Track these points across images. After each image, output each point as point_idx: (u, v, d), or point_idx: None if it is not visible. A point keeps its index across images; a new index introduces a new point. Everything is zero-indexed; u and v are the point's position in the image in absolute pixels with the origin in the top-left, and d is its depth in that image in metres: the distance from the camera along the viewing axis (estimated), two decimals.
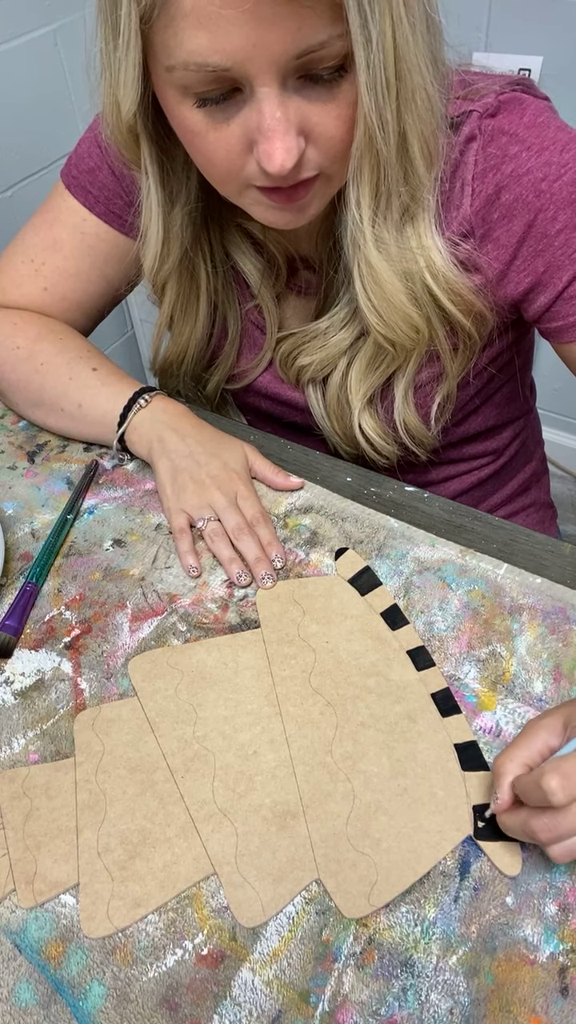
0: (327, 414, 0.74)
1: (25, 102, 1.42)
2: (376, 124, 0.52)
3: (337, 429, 0.74)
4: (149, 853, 0.49)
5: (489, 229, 0.62)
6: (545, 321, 0.65)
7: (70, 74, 1.47)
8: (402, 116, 0.53)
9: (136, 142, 0.59)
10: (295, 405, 0.79)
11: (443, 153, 0.59)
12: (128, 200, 0.72)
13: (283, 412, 0.81)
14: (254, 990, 0.44)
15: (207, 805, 0.51)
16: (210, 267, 0.71)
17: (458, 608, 0.61)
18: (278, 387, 0.78)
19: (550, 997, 0.44)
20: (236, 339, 0.77)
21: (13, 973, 0.45)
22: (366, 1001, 0.44)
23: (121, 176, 0.72)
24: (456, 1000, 0.44)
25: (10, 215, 1.50)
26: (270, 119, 0.50)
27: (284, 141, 0.50)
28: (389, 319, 0.62)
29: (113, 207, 0.74)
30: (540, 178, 0.59)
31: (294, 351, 0.72)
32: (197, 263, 0.70)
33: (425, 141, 0.56)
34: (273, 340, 0.75)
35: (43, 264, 0.77)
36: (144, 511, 0.71)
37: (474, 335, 0.66)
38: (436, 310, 0.63)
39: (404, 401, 0.70)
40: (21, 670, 0.59)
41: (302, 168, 0.54)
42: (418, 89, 0.52)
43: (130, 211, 0.72)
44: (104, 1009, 0.44)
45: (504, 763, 0.47)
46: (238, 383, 0.80)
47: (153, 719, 0.55)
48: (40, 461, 0.75)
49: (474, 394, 0.75)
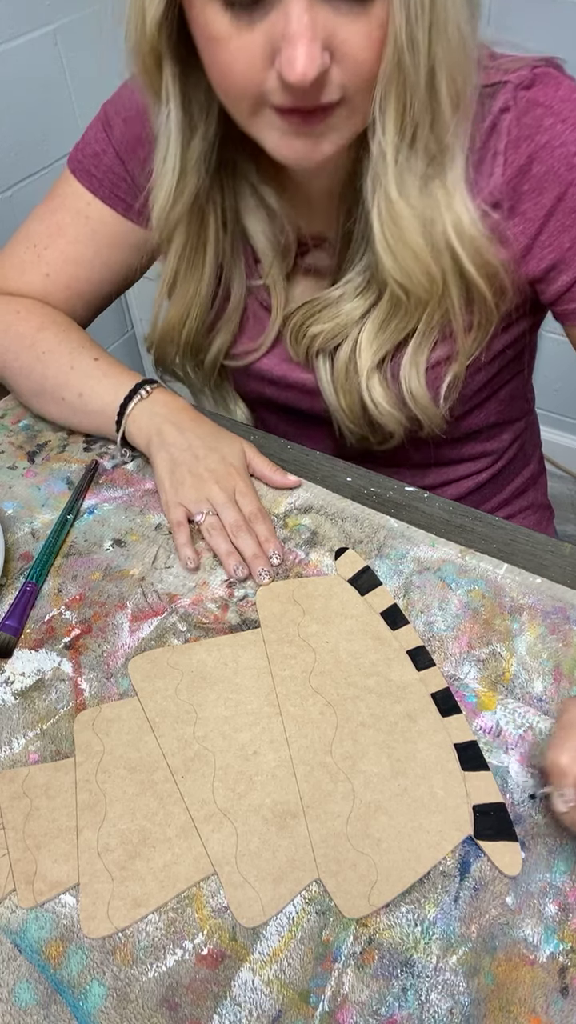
0: (335, 387, 0.72)
1: (25, 102, 1.42)
2: (406, 47, 0.50)
3: (343, 403, 0.72)
4: (149, 853, 0.49)
5: (518, 201, 0.61)
6: (563, 302, 0.64)
7: (70, 74, 1.47)
8: (433, 46, 0.51)
9: (158, 63, 0.58)
10: (301, 387, 0.77)
11: (472, 106, 0.57)
12: (133, 184, 0.72)
13: (288, 397, 0.80)
14: (254, 990, 0.44)
15: (207, 805, 0.51)
16: (220, 223, 0.69)
17: (458, 608, 0.61)
18: (284, 368, 0.77)
19: (550, 997, 0.44)
20: (240, 304, 0.75)
21: (13, 973, 0.45)
22: (366, 1001, 0.44)
23: (126, 159, 0.72)
24: (456, 1000, 0.44)
25: (10, 215, 1.50)
26: (296, 24, 0.48)
27: (309, 49, 0.48)
28: (404, 262, 0.61)
29: (117, 191, 0.74)
30: (574, 152, 0.58)
31: (306, 322, 0.70)
32: (208, 213, 0.68)
33: (454, 80, 0.54)
34: (279, 319, 0.74)
35: (45, 249, 0.77)
36: (144, 511, 0.71)
37: (492, 310, 0.65)
38: (455, 271, 0.62)
39: (412, 367, 0.68)
40: (21, 670, 0.59)
41: (323, 88, 0.52)
42: (451, 22, 0.51)
43: (135, 196, 0.71)
44: (104, 1009, 0.44)
45: (559, 757, 0.46)
46: (239, 361, 0.78)
47: (153, 719, 0.55)
48: (40, 461, 0.75)
49: (483, 385, 0.74)
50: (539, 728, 0.54)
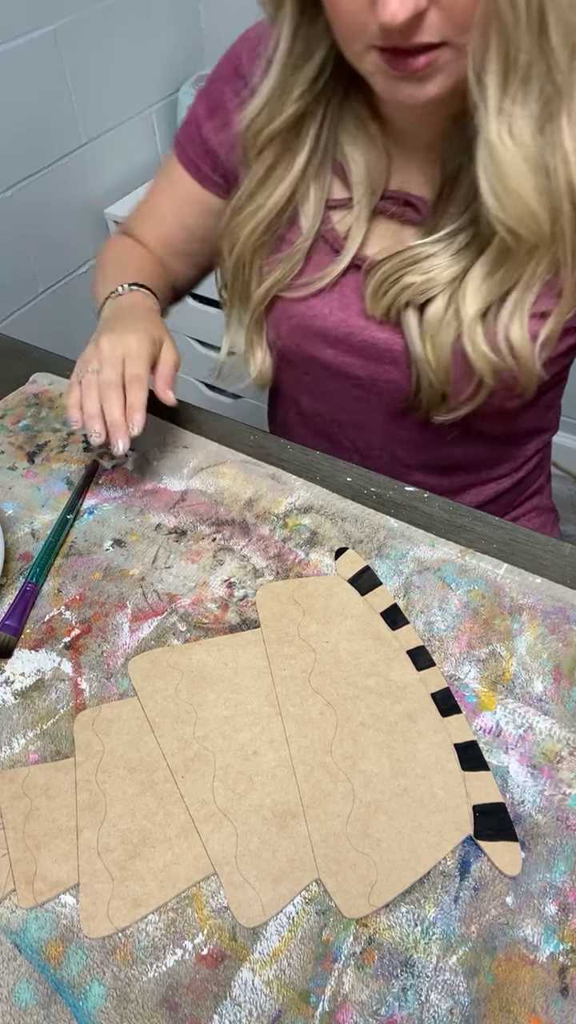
0: (423, 340, 0.69)
1: (25, 102, 1.42)
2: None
3: (431, 356, 0.69)
4: (149, 853, 0.49)
5: None
6: None
7: (70, 74, 1.47)
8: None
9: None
10: (367, 348, 0.74)
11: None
12: (206, 149, 0.77)
13: (344, 362, 0.76)
14: (254, 990, 0.44)
15: (207, 805, 0.51)
16: (314, 145, 0.69)
17: (458, 608, 0.61)
18: (351, 326, 0.74)
19: (550, 997, 0.44)
20: (310, 237, 0.72)
21: (13, 973, 0.45)
22: (366, 1001, 0.44)
23: (204, 124, 0.77)
24: (456, 1000, 0.44)
25: (10, 215, 1.50)
26: None
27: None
28: (513, 208, 0.59)
29: (193, 155, 0.78)
30: None
31: (395, 274, 0.68)
32: (304, 135, 0.68)
33: (566, 20, 0.52)
34: (345, 261, 0.71)
35: (145, 203, 0.86)
36: (144, 511, 0.71)
37: None
38: (573, 215, 0.60)
39: (515, 317, 0.65)
40: (21, 670, 0.59)
41: (422, 29, 0.53)
42: None
43: (207, 161, 0.78)
44: (104, 1009, 0.44)
45: None
46: (293, 292, 0.75)
47: (153, 719, 0.55)
48: (40, 461, 0.76)
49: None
50: (539, 728, 0.54)
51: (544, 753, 0.53)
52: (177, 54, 1.71)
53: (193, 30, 1.73)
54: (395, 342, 0.72)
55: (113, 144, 1.64)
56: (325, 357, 0.77)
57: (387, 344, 0.73)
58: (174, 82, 1.72)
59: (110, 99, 1.58)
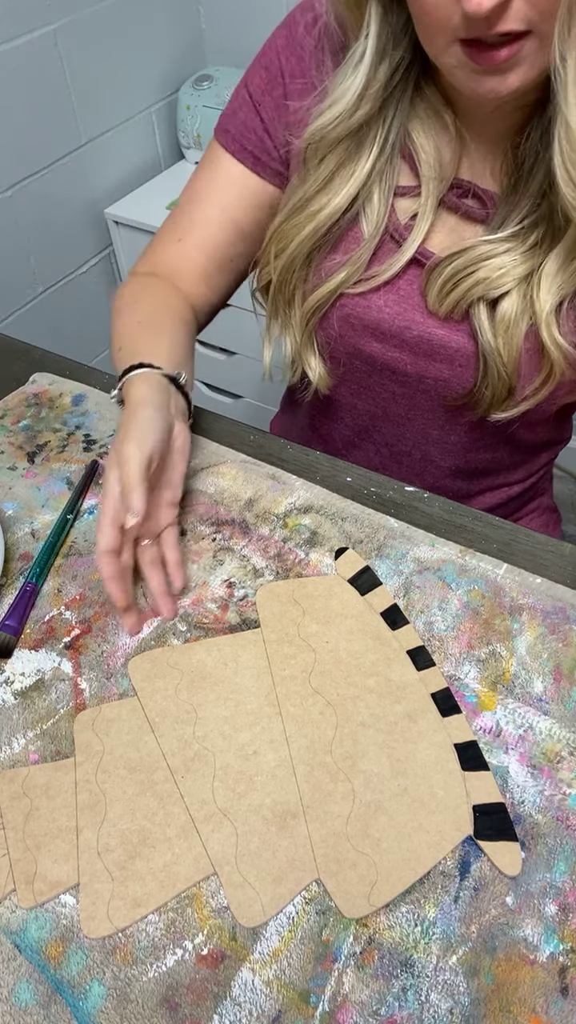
0: (495, 333, 0.68)
1: (25, 102, 1.42)
2: None
3: (502, 349, 0.68)
4: (149, 853, 0.49)
5: None
6: None
7: (70, 74, 1.47)
8: None
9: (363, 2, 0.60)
10: (421, 343, 0.72)
11: None
12: (266, 137, 0.73)
13: (393, 358, 0.75)
14: (254, 990, 0.44)
15: (207, 805, 0.51)
16: (381, 143, 0.67)
17: (458, 608, 0.61)
18: (407, 320, 0.72)
19: (550, 997, 0.44)
20: (376, 235, 0.70)
21: (13, 973, 0.45)
22: (366, 1001, 0.44)
23: (262, 111, 0.72)
24: (456, 1000, 0.44)
25: (10, 215, 1.50)
26: None
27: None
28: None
29: (248, 144, 0.74)
30: None
31: (463, 270, 0.67)
32: (368, 135, 0.67)
33: None
34: (408, 254, 0.69)
35: (180, 214, 0.79)
36: None
37: None
38: None
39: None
40: (21, 670, 0.59)
41: (506, 17, 0.52)
42: None
43: (265, 150, 0.73)
44: (104, 1009, 0.44)
45: None
46: (353, 288, 0.72)
47: (153, 719, 0.55)
48: (40, 461, 0.76)
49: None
50: (539, 728, 0.54)
51: (544, 753, 0.53)
52: (177, 54, 1.71)
53: (193, 30, 1.73)
54: (453, 339, 0.71)
55: (113, 144, 1.64)
56: (371, 351, 0.76)
57: (443, 340, 0.72)
58: (174, 82, 1.72)
59: (110, 99, 1.58)
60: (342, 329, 0.75)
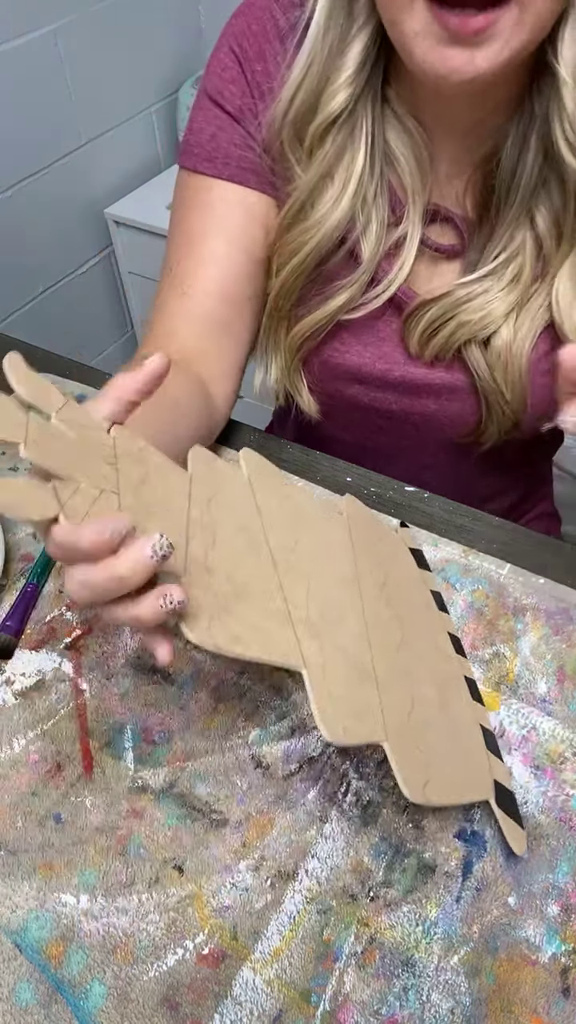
0: (492, 369, 0.65)
1: (25, 102, 1.42)
2: None
3: (503, 384, 0.65)
4: (246, 610, 0.42)
5: None
6: None
7: (70, 74, 1.47)
8: None
9: None
10: (404, 384, 0.69)
11: None
12: (249, 149, 0.64)
13: (375, 398, 0.71)
14: (255, 989, 0.44)
15: (300, 610, 0.45)
16: (368, 148, 0.60)
17: (463, 608, 0.61)
18: (387, 365, 0.68)
19: (552, 998, 0.44)
20: (376, 255, 0.64)
21: (13, 973, 0.45)
22: (367, 1001, 0.44)
23: (240, 117, 0.65)
24: (457, 1000, 0.44)
25: (10, 215, 1.50)
26: None
27: None
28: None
29: (243, 163, 0.65)
30: None
31: (444, 315, 0.63)
32: (356, 133, 0.60)
33: None
34: (389, 291, 0.64)
35: (177, 264, 0.68)
36: None
37: None
38: None
39: None
40: (22, 670, 0.59)
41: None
42: None
43: (262, 163, 0.65)
44: (105, 1009, 0.44)
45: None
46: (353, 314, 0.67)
47: (261, 506, 0.49)
48: None
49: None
50: (543, 729, 0.54)
51: (547, 754, 0.53)
52: (177, 54, 1.71)
53: (193, 30, 1.74)
54: (439, 376, 0.68)
55: (113, 144, 1.64)
56: (353, 392, 0.72)
57: (427, 379, 0.69)
58: (174, 82, 1.72)
59: (110, 99, 1.58)
60: (321, 373, 0.72)
